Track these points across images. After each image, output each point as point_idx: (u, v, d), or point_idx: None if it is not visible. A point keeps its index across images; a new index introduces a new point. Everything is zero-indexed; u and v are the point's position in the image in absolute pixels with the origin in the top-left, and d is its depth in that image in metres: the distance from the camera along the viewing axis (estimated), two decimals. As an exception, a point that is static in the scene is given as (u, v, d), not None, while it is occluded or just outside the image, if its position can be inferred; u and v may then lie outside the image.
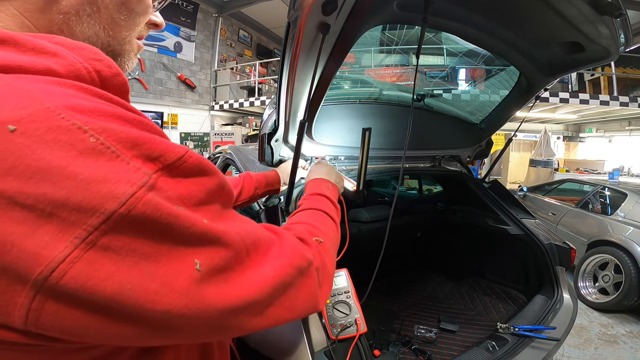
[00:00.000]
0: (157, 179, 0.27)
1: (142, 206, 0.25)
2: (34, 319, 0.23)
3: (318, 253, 0.47)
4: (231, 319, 0.31)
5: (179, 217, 0.27)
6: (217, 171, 0.35)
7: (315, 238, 0.50)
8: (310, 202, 0.66)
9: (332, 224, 0.62)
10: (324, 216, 0.62)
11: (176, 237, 0.27)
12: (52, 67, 0.29)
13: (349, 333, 0.82)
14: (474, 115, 1.88)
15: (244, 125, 7.52)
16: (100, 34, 0.40)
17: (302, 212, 0.63)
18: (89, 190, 0.24)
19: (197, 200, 0.30)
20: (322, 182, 0.77)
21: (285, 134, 1.09)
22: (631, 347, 2.54)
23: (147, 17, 0.45)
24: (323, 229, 0.56)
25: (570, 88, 6.02)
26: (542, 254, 1.59)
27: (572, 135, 9.33)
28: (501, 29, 1.17)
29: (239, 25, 8.17)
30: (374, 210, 1.90)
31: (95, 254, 0.24)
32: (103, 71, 0.33)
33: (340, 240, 0.65)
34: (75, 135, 0.25)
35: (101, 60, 0.34)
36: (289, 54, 0.83)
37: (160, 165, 0.28)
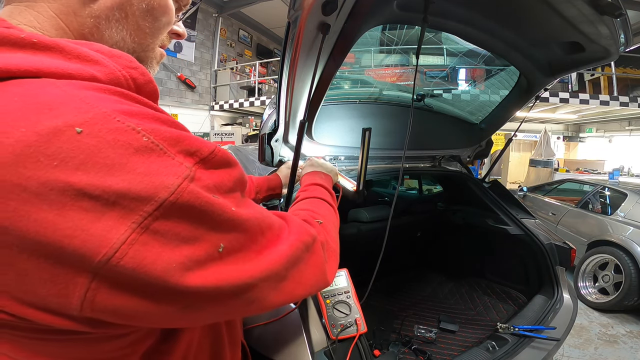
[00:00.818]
0: (196, 171, 0.31)
1: (187, 195, 0.29)
2: (90, 299, 0.26)
3: (321, 231, 0.51)
4: (250, 292, 0.34)
5: (214, 204, 0.31)
6: (237, 162, 0.38)
7: (316, 220, 0.54)
8: (307, 192, 0.70)
9: (330, 207, 0.66)
10: (320, 202, 0.67)
11: (210, 222, 0.31)
12: (95, 75, 0.33)
13: (349, 333, 0.82)
14: (474, 115, 1.88)
15: (244, 125, 7.52)
16: (127, 40, 0.43)
17: (300, 202, 0.67)
18: (145, 182, 0.28)
19: (227, 188, 0.34)
20: (316, 174, 0.81)
21: (285, 134, 1.09)
22: (631, 347, 2.54)
23: (170, 27, 0.48)
24: (321, 212, 0.60)
25: (570, 88, 6.02)
26: (542, 254, 1.59)
27: (572, 135, 9.33)
28: (501, 29, 1.17)
29: (239, 25, 8.17)
30: (374, 210, 1.90)
31: (148, 237, 0.27)
32: (138, 79, 0.36)
33: None
34: (131, 136, 0.28)
35: (136, 68, 0.37)
36: (289, 54, 0.83)
37: (197, 159, 0.32)
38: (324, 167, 0.87)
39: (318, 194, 0.69)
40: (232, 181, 0.35)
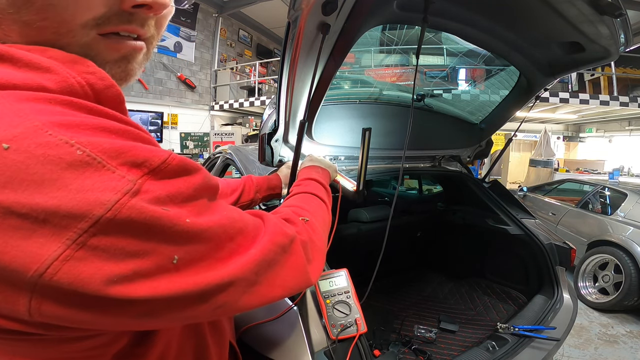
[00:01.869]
0: (143, 183, 0.30)
1: (127, 210, 0.28)
2: (36, 308, 0.27)
3: (304, 230, 0.50)
4: (216, 297, 0.34)
5: (162, 218, 0.30)
6: (200, 168, 0.37)
7: (302, 217, 0.53)
8: (300, 187, 0.70)
9: (320, 203, 0.65)
10: (311, 197, 0.66)
11: (159, 235, 0.30)
12: (44, 84, 0.31)
13: (349, 333, 0.82)
14: (474, 115, 1.88)
15: (244, 125, 7.52)
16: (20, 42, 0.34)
17: (291, 198, 0.66)
18: (78, 199, 0.27)
19: (184, 197, 0.33)
20: (312, 168, 0.81)
21: (285, 134, 1.09)
22: (631, 347, 2.54)
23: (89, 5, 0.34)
24: (310, 209, 0.59)
25: (570, 88, 6.02)
26: (542, 254, 1.59)
27: (572, 135, 9.33)
28: (501, 29, 1.17)
29: (239, 25, 8.17)
30: (374, 210, 1.90)
31: (85, 252, 0.27)
32: (96, 84, 0.34)
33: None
34: (63, 150, 0.27)
35: (94, 73, 0.34)
36: (289, 54, 0.83)
37: (145, 170, 0.30)
38: (323, 162, 0.86)
39: (310, 188, 0.69)
40: (192, 189, 0.34)
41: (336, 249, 1.81)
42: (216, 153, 2.35)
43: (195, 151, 6.91)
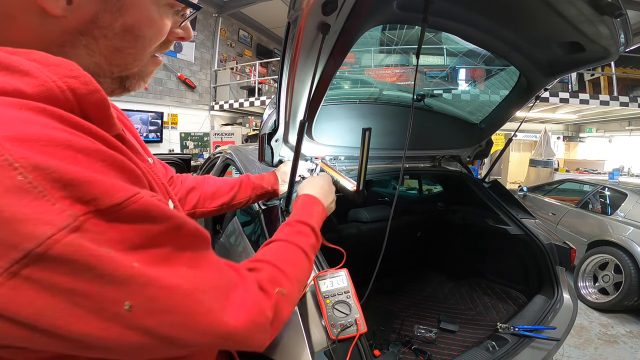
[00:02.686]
0: (86, 222, 0.28)
1: (60, 247, 0.26)
2: None
3: (275, 306, 0.46)
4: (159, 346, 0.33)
5: (102, 259, 0.28)
6: (170, 216, 0.35)
7: (279, 289, 0.48)
8: (290, 233, 0.62)
9: (306, 264, 0.60)
10: (299, 255, 0.59)
11: (100, 277, 0.28)
12: (20, 88, 0.30)
13: (349, 333, 0.82)
14: (474, 115, 1.88)
15: (244, 125, 7.52)
16: (102, 63, 0.41)
17: (277, 245, 0.60)
18: (9, 229, 0.25)
19: (133, 244, 0.31)
20: (314, 205, 0.74)
21: (285, 134, 1.09)
22: (631, 347, 2.54)
23: (161, 38, 0.46)
24: (292, 274, 0.53)
25: (570, 88, 6.02)
26: (542, 254, 1.59)
27: (572, 135, 9.33)
28: (501, 29, 1.17)
29: (239, 25, 8.17)
30: (374, 210, 1.90)
31: (17, 282, 0.26)
32: (78, 89, 0.33)
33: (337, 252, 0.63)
34: (4, 172, 0.26)
35: (77, 77, 0.33)
36: (289, 54, 0.83)
37: (92, 208, 0.29)
38: (327, 195, 0.80)
39: (302, 242, 0.61)
40: (147, 237, 0.32)
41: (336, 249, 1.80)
42: (216, 153, 2.35)
43: (195, 151, 6.91)
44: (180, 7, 0.46)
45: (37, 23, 0.36)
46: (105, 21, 0.39)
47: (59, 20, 0.37)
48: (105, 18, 0.39)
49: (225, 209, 0.99)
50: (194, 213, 0.92)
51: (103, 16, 0.39)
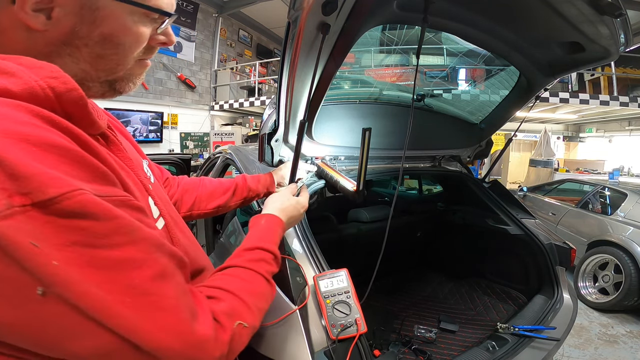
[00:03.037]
0: (21, 213, 0.30)
1: None
2: None
3: (232, 340, 0.45)
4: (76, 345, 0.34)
5: (24, 249, 0.30)
6: (115, 216, 0.35)
7: (239, 322, 0.47)
8: (252, 260, 0.60)
9: (269, 292, 0.58)
10: (262, 284, 0.57)
11: (18, 264, 0.30)
12: (8, 87, 0.35)
13: (349, 333, 0.82)
14: (474, 115, 1.88)
15: (244, 125, 7.52)
16: (87, 69, 0.47)
17: (238, 272, 0.57)
18: None
19: (63, 240, 0.32)
20: (277, 228, 0.70)
21: (285, 134, 1.09)
22: (631, 347, 2.54)
23: (140, 44, 0.49)
24: (254, 305, 0.52)
25: (570, 88, 6.01)
26: (542, 254, 1.59)
27: (572, 135, 9.33)
28: (501, 29, 1.17)
29: (239, 25, 8.16)
30: (374, 210, 1.90)
31: None
32: (57, 87, 0.37)
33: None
34: None
35: (57, 77, 0.38)
36: (289, 54, 0.83)
37: (28, 201, 0.30)
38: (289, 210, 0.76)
39: (263, 268, 0.59)
40: (83, 236, 0.33)
41: (336, 249, 1.82)
42: (216, 153, 2.35)
43: (195, 151, 6.91)
44: (156, 15, 0.49)
45: (24, 36, 0.42)
46: (84, 32, 0.44)
47: (42, 34, 0.42)
48: (82, 29, 0.43)
49: (222, 211, 1.00)
50: (191, 215, 0.93)
51: (81, 28, 0.43)
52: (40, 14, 0.41)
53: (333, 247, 1.67)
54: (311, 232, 1.06)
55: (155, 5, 0.48)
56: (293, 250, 0.98)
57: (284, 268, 0.91)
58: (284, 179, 1.11)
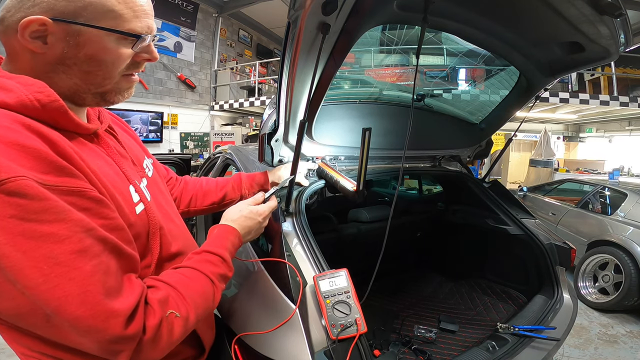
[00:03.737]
0: None
1: None
2: None
3: (160, 325, 0.52)
4: None
5: None
6: (47, 198, 0.44)
7: (171, 311, 0.54)
8: (198, 261, 0.65)
9: (210, 290, 0.63)
10: (203, 281, 0.62)
11: None
12: (5, 100, 0.48)
13: (349, 333, 0.82)
14: (474, 115, 1.88)
15: (244, 125, 7.52)
16: (79, 83, 0.57)
17: (182, 270, 0.62)
18: None
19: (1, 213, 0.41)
20: (228, 235, 0.74)
21: (285, 134, 1.09)
22: (631, 347, 2.54)
23: (122, 61, 0.58)
24: (191, 299, 0.58)
25: (570, 88, 6.01)
26: (542, 254, 1.59)
27: (572, 135, 9.33)
28: (501, 29, 1.17)
29: (239, 25, 8.16)
30: (374, 210, 1.90)
31: None
32: (42, 99, 0.50)
33: None
34: None
35: (42, 92, 0.50)
36: (289, 54, 0.83)
37: None
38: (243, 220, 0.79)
39: (208, 269, 0.64)
40: (19, 210, 0.42)
41: (336, 249, 1.82)
42: (216, 153, 2.35)
43: (195, 151, 6.91)
44: (132, 38, 0.57)
45: (30, 58, 0.54)
46: (72, 53, 0.54)
47: (42, 55, 0.53)
48: (70, 52, 0.54)
49: (217, 208, 1.05)
50: (189, 211, 1.01)
51: (69, 50, 0.54)
52: (37, 40, 0.52)
53: (333, 247, 1.67)
54: (311, 232, 1.06)
55: (129, 29, 0.56)
56: (293, 250, 0.98)
57: (284, 268, 0.91)
58: (280, 180, 1.12)
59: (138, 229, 0.61)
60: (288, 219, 1.07)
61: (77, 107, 0.60)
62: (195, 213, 1.03)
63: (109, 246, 0.50)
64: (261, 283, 0.99)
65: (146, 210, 0.64)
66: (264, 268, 1.01)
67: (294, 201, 1.12)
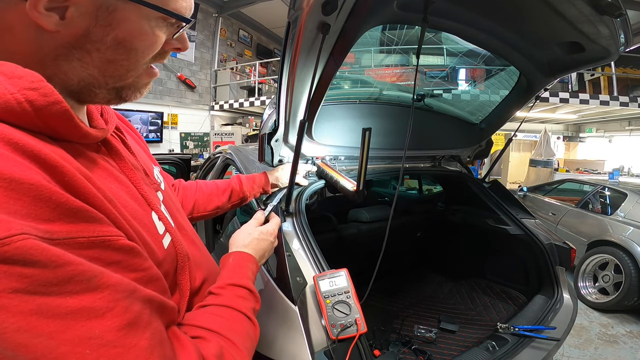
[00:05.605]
0: None
1: None
2: None
3: None
4: None
5: None
6: (65, 263, 0.31)
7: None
8: (232, 298, 0.57)
9: (252, 331, 0.56)
10: (244, 322, 0.55)
11: None
12: None
13: (349, 333, 0.82)
14: (474, 115, 1.88)
15: (244, 125, 7.52)
16: (96, 75, 0.43)
17: (219, 312, 0.54)
18: None
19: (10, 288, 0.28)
20: (246, 263, 0.67)
21: (285, 134, 1.09)
22: (631, 347, 2.54)
23: (154, 49, 0.46)
24: (242, 345, 0.50)
25: (570, 88, 6.01)
26: (542, 254, 1.59)
27: (572, 135, 9.33)
28: (501, 29, 1.17)
29: (239, 25, 8.17)
30: (374, 210, 1.90)
31: None
32: (36, 100, 0.34)
33: None
34: None
35: (37, 88, 0.34)
36: (289, 54, 0.83)
37: None
38: (256, 243, 0.73)
39: (243, 306, 0.57)
40: (27, 283, 0.29)
41: (336, 249, 1.81)
42: (216, 153, 2.35)
43: (195, 151, 6.91)
44: (173, 20, 0.46)
45: (33, 37, 0.38)
46: (97, 35, 0.40)
47: (53, 35, 0.38)
48: (97, 32, 0.40)
49: (220, 212, 1.03)
50: (192, 218, 0.95)
51: (95, 30, 0.40)
52: (53, 13, 0.37)
53: (333, 247, 1.67)
54: (311, 232, 1.06)
55: (174, 10, 0.44)
56: (293, 250, 0.98)
57: (284, 268, 0.91)
58: (279, 181, 1.12)
59: (167, 266, 0.49)
60: (288, 219, 1.07)
61: (78, 104, 0.46)
62: (199, 219, 0.98)
63: (155, 306, 0.39)
64: (261, 282, 0.99)
65: (173, 242, 0.53)
66: (264, 268, 1.01)
67: (294, 201, 1.12)
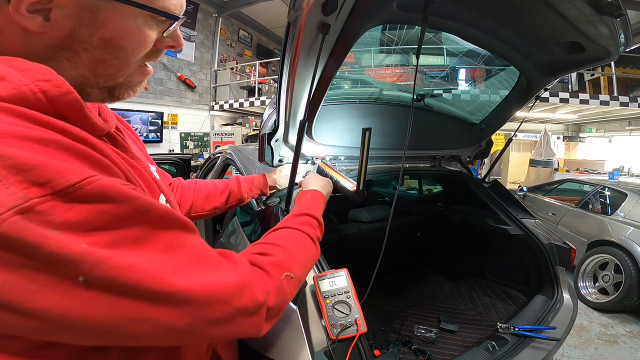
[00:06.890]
0: (40, 204, 0.30)
1: (5, 226, 0.28)
2: None
3: (279, 290, 0.48)
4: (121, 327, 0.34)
5: (47, 238, 0.29)
6: (132, 198, 0.35)
7: (287, 273, 0.51)
8: (300, 223, 0.67)
9: (314, 249, 0.65)
10: (308, 242, 0.64)
11: (46, 255, 0.29)
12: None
13: (349, 333, 0.82)
14: (474, 115, 1.88)
15: (244, 125, 7.52)
16: (86, 75, 0.44)
17: (287, 231, 0.63)
18: None
19: (88, 225, 0.32)
20: (320, 200, 0.81)
21: (285, 134, 1.09)
22: (631, 347, 2.54)
23: (145, 48, 0.46)
24: (301, 258, 0.58)
25: (570, 88, 6.01)
26: (542, 254, 1.59)
27: (572, 135, 9.33)
28: (501, 28, 1.17)
29: (239, 25, 8.17)
30: (374, 210, 1.90)
31: None
32: (50, 91, 0.36)
33: None
34: None
35: (49, 80, 0.36)
36: (289, 54, 0.83)
37: (48, 191, 0.30)
38: (327, 188, 0.91)
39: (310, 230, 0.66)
40: (106, 219, 0.33)
41: (336, 249, 1.81)
42: (216, 153, 2.35)
43: (195, 151, 6.91)
44: (163, 17, 0.45)
45: (20, 39, 0.39)
46: (83, 36, 0.41)
47: (39, 36, 0.39)
48: (82, 33, 0.40)
49: (218, 212, 1.03)
50: (189, 217, 0.95)
51: (80, 31, 0.40)
52: (37, 15, 0.38)
53: (333, 247, 1.67)
54: (311, 232, 1.06)
55: (162, 7, 0.44)
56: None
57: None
58: (276, 183, 1.12)
59: None
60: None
61: None
62: (196, 219, 1.00)
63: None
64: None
65: None
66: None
67: (294, 202, 1.12)
